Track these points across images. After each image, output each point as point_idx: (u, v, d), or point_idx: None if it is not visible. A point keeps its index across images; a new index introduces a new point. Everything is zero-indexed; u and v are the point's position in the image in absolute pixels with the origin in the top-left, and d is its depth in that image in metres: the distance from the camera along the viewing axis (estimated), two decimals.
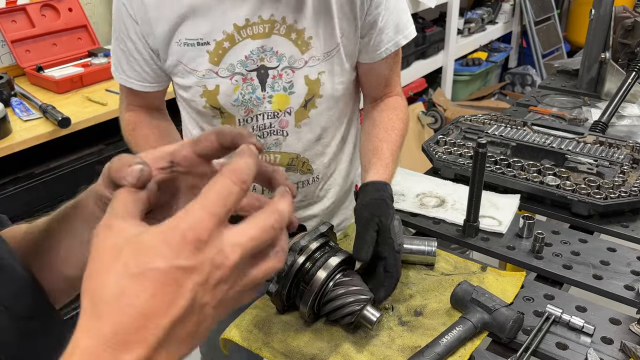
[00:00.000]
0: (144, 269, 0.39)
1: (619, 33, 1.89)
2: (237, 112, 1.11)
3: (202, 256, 0.40)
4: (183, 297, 0.39)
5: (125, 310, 0.38)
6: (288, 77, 1.09)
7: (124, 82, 1.18)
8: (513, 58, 5.13)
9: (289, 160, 1.18)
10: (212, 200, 0.41)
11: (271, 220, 0.44)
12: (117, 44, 1.15)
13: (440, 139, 1.50)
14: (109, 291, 0.39)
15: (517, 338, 0.90)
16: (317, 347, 0.89)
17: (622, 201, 1.20)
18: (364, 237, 0.92)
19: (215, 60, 1.07)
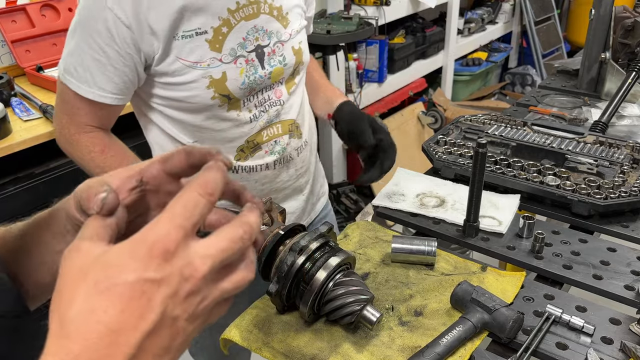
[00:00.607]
0: (111, 284, 0.38)
1: (619, 33, 1.89)
2: (242, 95, 1.15)
3: (170, 268, 0.40)
4: (153, 310, 0.39)
5: (94, 328, 0.38)
6: (280, 51, 1.18)
7: (97, 98, 1.09)
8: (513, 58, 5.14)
9: (288, 126, 1.26)
10: (178, 213, 0.41)
11: (240, 231, 0.44)
12: (90, 55, 1.05)
13: (440, 139, 1.50)
14: (76, 309, 0.38)
15: (517, 338, 0.90)
16: (317, 347, 0.89)
17: (622, 201, 1.20)
18: (362, 128, 1.15)
19: (216, 47, 1.08)
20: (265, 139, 1.22)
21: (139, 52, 1.06)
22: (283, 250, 0.91)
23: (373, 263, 1.09)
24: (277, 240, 0.91)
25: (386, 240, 1.16)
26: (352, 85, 3.28)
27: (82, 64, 1.06)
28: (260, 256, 0.92)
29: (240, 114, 1.17)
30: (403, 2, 3.45)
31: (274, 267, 0.91)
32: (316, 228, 0.93)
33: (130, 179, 0.53)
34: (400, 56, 3.63)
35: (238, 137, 1.20)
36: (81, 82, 1.07)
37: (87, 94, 1.08)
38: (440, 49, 4.07)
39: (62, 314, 0.39)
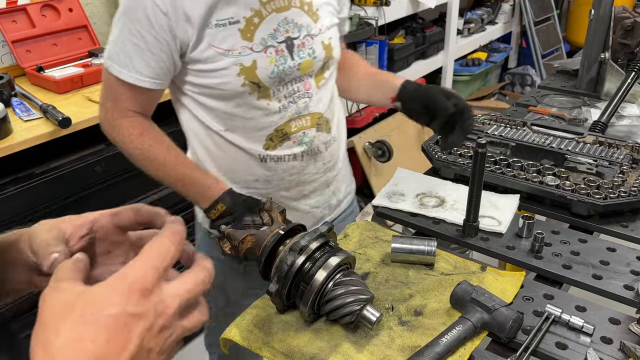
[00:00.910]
0: (98, 316, 0.43)
1: (618, 33, 1.89)
2: (272, 84, 1.19)
3: (147, 304, 0.45)
4: (132, 341, 0.43)
5: (82, 355, 0.41)
6: (309, 44, 1.22)
7: (136, 82, 1.15)
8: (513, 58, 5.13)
9: (317, 120, 1.29)
10: (154, 257, 0.47)
11: (201, 276, 0.50)
12: (131, 40, 1.12)
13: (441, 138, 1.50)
14: (63, 338, 0.42)
15: (516, 338, 0.91)
16: (317, 346, 0.89)
17: (621, 201, 1.20)
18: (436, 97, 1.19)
19: (248, 36, 1.14)
20: (293, 129, 1.26)
21: (174, 39, 1.11)
22: (283, 250, 0.91)
23: (373, 263, 1.09)
24: (277, 240, 0.92)
25: (386, 240, 1.16)
26: None
27: (123, 50, 1.13)
28: (261, 256, 0.92)
29: (270, 103, 1.21)
30: (403, 3, 3.45)
31: (274, 267, 0.91)
32: (316, 228, 0.94)
33: (81, 227, 0.60)
34: (400, 56, 3.63)
35: (267, 126, 1.24)
36: (122, 67, 1.14)
37: (127, 78, 1.14)
38: (440, 49, 4.07)
39: (48, 343, 0.42)
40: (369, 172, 3.34)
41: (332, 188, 1.42)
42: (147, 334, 0.45)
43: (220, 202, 1.13)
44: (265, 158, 1.26)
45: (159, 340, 0.46)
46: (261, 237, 0.93)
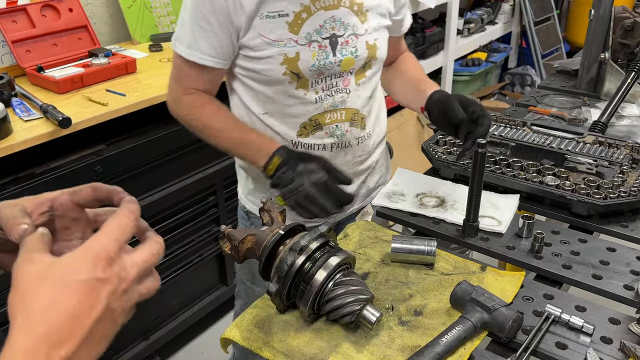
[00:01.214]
0: (70, 281, 0.50)
1: (618, 33, 1.89)
2: (311, 76, 1.25)
3: (112, 271, 0.52)
4: (100, 302, 0.50)
5: (57, 316, 0.48)
6: (353, 43, 1.28)
7: (199, 60, 1.24)
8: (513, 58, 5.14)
9: (352, 115, 1.34)
10: (115, 230, 0.55)
11: (155, 248, 0.58)
12: (197, 22, 1.21)
13: (440, 139, 1.50)
14: (40, 302, 0.48)
15: (516, 338, 0.91)
16: (317, 346, 0.89)
17: (621, 201, 1.20)
18: (452, 106, 1.21)
19: (294, 29, 1.21)
20: (327, 121, 1.32)
21: (232, 24, 1.20)
22: (283, 250, 0.91)
23: (373, 263, 1.09)
24: (277, 240, 0.92)
25: (386, 240, 1.16)
26: None
27: (190, 32, 1.23)
28: (261, 256, 0.92)
29: (307, 94, 1.28)
30: None
31: (274, 267, 0.91)
32: (316, 228, 0.94)
33: (42, 204, 0.66)
34: None
35: (302, 114, 1.30)
36: (188, 47, 1.24)
37: (192, 57, 1.24)
38: (439, 49, 4.07)
39: (27, 307, 0.49)
40: None
41: (363, 178, 1.46)
42: (112, 296, 0.52)
43: (276, 154, 1.19)
44: (297, 144, 1.33)
45: (121, 302, 0.53)
46: (261, 237, 0.93)
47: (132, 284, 0.54)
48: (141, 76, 2.14)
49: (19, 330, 0.48)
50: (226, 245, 0.95)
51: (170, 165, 2.09)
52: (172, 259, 2.21)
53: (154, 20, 2.60)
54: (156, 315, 2.25)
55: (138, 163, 1.97)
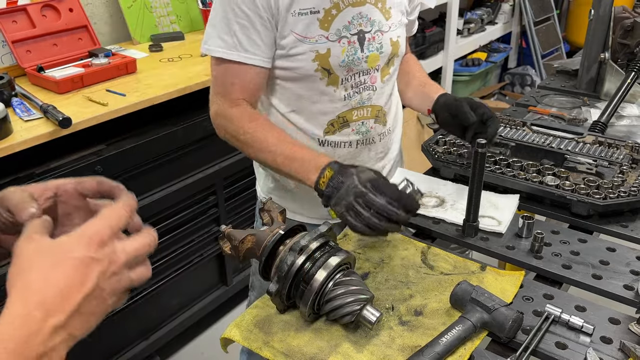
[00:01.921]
0: (64, 258, 0.55)
1: (618, 33, 1.89)
2: (341, 72, 1.27)
3: (102, 252, 0.57)
4: (91, 280, 0.55)
5: (51, 287, 0.53)
6: (379, 39, 1.30)
7: (244, 60, 1.22)
8: (512, 58, 5.14)
9: (376, 112, 1.37)
10: (110, 218, 0.60)
11: (147, 240, 0.62)
12: (236, 21, 1.20)
13: (440, 139, 1.50)
14: (36, 275, 0.54)
15: (516, 337, 0.91)
16: (317, 346, 0.89)
17: (621, 201, 1.20)
18: (463, 110, 1.24)
19: (325, 26, 1.23)
20: (354, 118, 1.34)
21: (273, 18, 1.20)
22: (283, 250, 0.91)
23: (373, 263, 1.09)
24: (277, 240, 0.92)
25: (386, 240, 1.16)
26: None
27: (229, 32, 1.21)
28: (261, 256, 0.92)
29: (337, 91, 1.29)
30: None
31: (274, 267, 0.91)
32: (316, 228, 0.94)
33: (47, 190, 0.72)
34: None
35: (331, 112, 1.32)
36: (230, 49, 1.22)
37: (236, 57, 1.22)
38: (439, 49, 4.07)
39: (24, 279, 0.54)
40: None
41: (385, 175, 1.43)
42: (102, 276, 0.56)
43: (328, 167, 1.09)
44: (324, 142, 1.35)
45: (110, 283, 0.57)
46: (261, 237, 0.94)
47: (122, 268, 0.59)
48: (141, 76, 2.14)
49: (16, 299, 0.53)
50: (226, 245, 0.95)
51: (170, 165, 2.09)
52: (172, 259, 2.21)
53: (154, 20, 2.60)
54: (156, 315, 2.25)
55: (138, 163, 1.97)
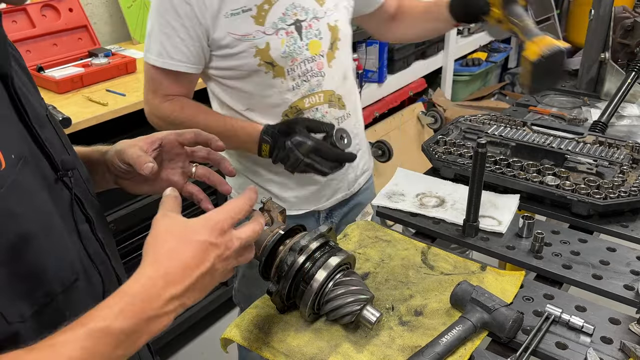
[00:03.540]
0: (190, 239, 0.66)
1: (618, 33, 1.89)
2: (285, 63, 1.30)
3: (222, 239, 0.68)
4: (208, 260, 0.66)
5: (175, 262, 0.64)
6: (316, 26, 1.33)
7: (170, 66, 1.27)
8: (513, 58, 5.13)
9: (329, 97, 1.39)
10: (233, 210, 0.71)
11: (257, 227, 0.74)
12: (162, 31, 1.25)
13: (440, 139, 1.50)
14: (166, 249, 0.65)
15: (516, 338, 0.91)
16: (317, 346, 0.89)
17: (621, 201, 1.20)
18: None
19: (260, 21, 1.26)
20: (307, 105, 1.36)
21: (200, 26, 1.24)
22: (283, 250, 0.91)
23: (373, 263, 1.09)
24: (277, 240, 0.92)
25: (386, 240, 1.16)
26: None
27: (156, 41, 1.27)
28: (261, 256, 0.92)
29: (285, 82, 1.32)
30: None
31: (274, 267, 0.91)
32: (316, 228, 0.94)
33: (153, 143, 0.90)
34: (400, 56, 3.63)
35: (282, 103, 1.34)
36: (157, 56, 1.28)
37: (163, 65, 1.28)
38: (440, 49, 4.06)
39: (156, 251, 0.65)
40: None
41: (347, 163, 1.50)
42: (217, 259, 0.67)
43: (263, 142, 1.26)
44: None
45: (222, 265, 0.68)
46: (261, 237, 0.93)
47: (234, 253, 0.69)
48: (141, 76, 2.12)
49: (147, 264, 0.64)
50: None
51: None
52: None
53: None
54: None
55: None
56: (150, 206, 2.05)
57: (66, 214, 0.73)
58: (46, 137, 0.72)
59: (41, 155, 0.70)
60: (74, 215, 0.74)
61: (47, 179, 0.70)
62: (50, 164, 0.72)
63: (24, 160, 0.64)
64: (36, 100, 0.79)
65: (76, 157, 0.82)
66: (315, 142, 1.21)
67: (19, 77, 0.74)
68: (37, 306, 0.64)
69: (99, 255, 0.78)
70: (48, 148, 0.71)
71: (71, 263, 0.70)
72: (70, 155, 0.79)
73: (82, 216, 0.76)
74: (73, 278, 0.70)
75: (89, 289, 0.74)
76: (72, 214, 0.74)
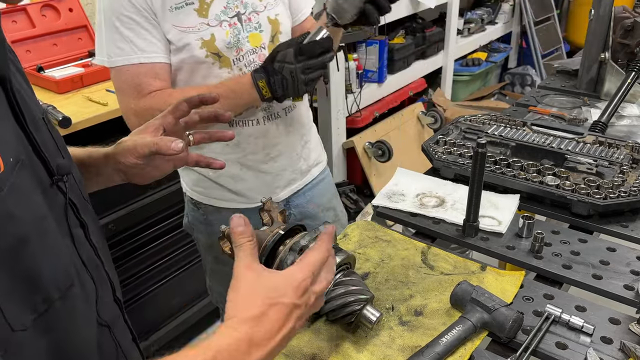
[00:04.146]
0: (277, 301, 0.67)
1: (618, 33, 1.89)
2: (230, 53, 1.33)
3: (304, 299, 0.69)
4: (291, 322, 0.68)
5: (262, 327, 0.65)
6: (255, 19, 1.37)
7: (146, 60, 1.26)
8: (513, 58, 5.14)
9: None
10: (313, 264, 0.72)
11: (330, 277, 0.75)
12: (127, 27, 1.24)
13: (440, 139, 1.50)
14: (255, 311, 0.66)
15: (516, 338, 0.91)
16: (317, 346, 0.89)
17: (621, 201, 1.20)
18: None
19: (203, 14, 1.29)
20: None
21: (155, 17, 1.25)
22: (283, 250, 0.91)
23: (373, 263, 1.09)
24: (277, 240, 0.91)
25: (386, 240, 1.16)
26: (352, 86, 3.28)
27: (123, 40, 1.25)
28: (261, 256, 0.92)
29: (231, 72, 1.35)
30: (403, 2, 3.46)
31: (274, 267, 0.91)
32: (316, 228, 0.93)
33: (157, 129, 0.93)
34: (400, 56, 3.63)
35: None
36: (128, 54, 1.26)
37: (138, 60, 1.26)
38: (440, 49, 4.07)
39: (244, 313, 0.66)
40: (369, 172, 3.34)
41: (299, 152, 1.55)
42: (298, 320, 0.69)
43: (258, 80, 1.26)
44: (232, 122, 1.41)
45: (301, 323, 0.70)
46: (261, 237, 0.93)
47: (311, 309, 0.72)
48: None
49: (235, 326, 0.64)
50: (226, 246, 0.95)
51: None
52: (172, 259, 2.21)
53: None
54: (156, 316, 2.24)
55: None
56: (150, 206, 2.05)
57: (60, 218, 0.71)
58: (42, 141, 0.71)
59: (37, 159, 0.69)
60: (68, 219, 0.73)
61: (43, 183, 0.69)
62: (45, 168, 0.70)
63: (21, 164, 0.63)
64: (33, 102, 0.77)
65: (71, 161, 0.81)
66: (294, 45, 1.22)
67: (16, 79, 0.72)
68: (37, 314, 0.63)
69: (93, 260, 0.77)
70: (43, 152, 0.70)
71: (65, 268, 0.69)
72: (65, 159, 0.77)
73: (76, 221, 0.75)
74: (68, 283, 0.69)
75: (83, 295, 0.72)
76: (66, 218, 0.72)
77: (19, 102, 0.67)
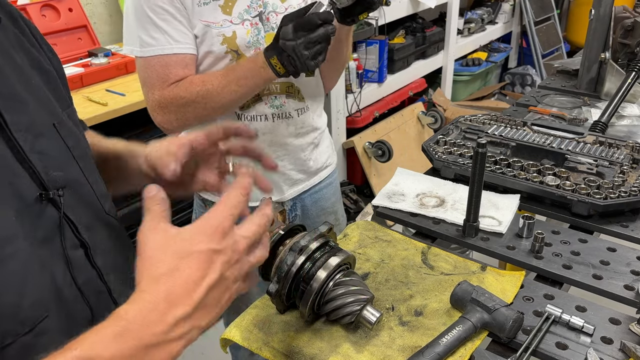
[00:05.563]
0: (189, 252, 0.56)
1: (618, 33, 1.89)
2: (248, 52, 1.37)
3: (225, 242, 0.58)
4: (215, 271, 0.57)
5: (177, 280, 0.55)
6: (273, 19, 1.39)
7: (178, 51, 1.30)
8: (513, 58, 5.14)
9: (286, 88, 1.44)
10: (230, 206, 0.61)
11: (263, 220, 0.64)
12: (160, 19, 1.29)
13: (440, 139, 1.50)
14: (165, 268, 0.55)
15: (516, 338, 0.91)
16: (317, 347, 0.89)
17: (621, 201, 1.20)
18: None
19: (227, 11, 1.34)
20: (265, 92, 1.42)
21: (185, 10, 1.30)
22: (283, 250, 0.91)
23: (373, 263, 1.09)
24: (277, 240, 0.92)
25: (386, 240, 1.16)
26: (352, 86, 3.28)
27: (158, 30, 1.30)
28: None
29: None
30: (403, 2, 3.46)
31: (274, 267, 0.91)
32: (316, 228, 0.93)
33: (184, 146, 0.85)
34: (400, 56, 3.63)
35: None
36: (162, 44, 1.30)
37: (171, 51, 1.30)
38: (440, 49, 4.07)
39: (152, 272, 0.56)
40: (369, 172, 3.34)
41: (308, 154, 1.55)
42: (226, 266, 0.58)
43: (269, 57, 1.24)
44: (241, 116, 1.44)
45: (233, 271, 0.59)
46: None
47: (243, 254, 0.60)
48: None
49: (144, 288, 0.55)
50: None
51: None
52: None
53: None
54: None
55: None
56: None
57: (48, 238, 0.65)
58: (40, 150, 0.66)
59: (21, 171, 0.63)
60: (63, 239, 0.66)
61: (23, 199, 0.63)
62: (35, 181, 0.65)
63: None
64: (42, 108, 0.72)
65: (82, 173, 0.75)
66: (292, 21, 1.20)
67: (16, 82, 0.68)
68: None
69: (92, 284, 0.70)
70: (32, 162, 0.64)
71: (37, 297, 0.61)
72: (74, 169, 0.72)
73: (75, 241, 0.69)
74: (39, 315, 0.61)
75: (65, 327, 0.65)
76: (60, 237, 0.66)
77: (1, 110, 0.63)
